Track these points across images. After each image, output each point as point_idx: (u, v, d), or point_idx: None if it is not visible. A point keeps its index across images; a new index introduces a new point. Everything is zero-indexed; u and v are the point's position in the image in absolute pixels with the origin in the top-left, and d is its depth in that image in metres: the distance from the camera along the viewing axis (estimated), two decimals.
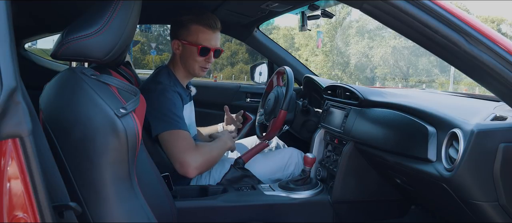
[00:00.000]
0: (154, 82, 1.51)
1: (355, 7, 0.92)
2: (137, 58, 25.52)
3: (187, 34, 1.52)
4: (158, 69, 1.61)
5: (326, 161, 1.70)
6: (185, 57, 1.55)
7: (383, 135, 1.32)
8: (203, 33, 1.51)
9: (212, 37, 1.53)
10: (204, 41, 1.52)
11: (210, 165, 1.48)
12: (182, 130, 1.41)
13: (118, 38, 0.85)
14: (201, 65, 1.55)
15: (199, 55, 1.52)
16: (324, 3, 1.69)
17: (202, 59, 1.54)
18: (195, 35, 1.51)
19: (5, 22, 0.54)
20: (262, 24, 2.20)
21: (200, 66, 1.55)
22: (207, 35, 1.52)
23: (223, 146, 1.55)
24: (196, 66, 1.55)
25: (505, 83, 0.87)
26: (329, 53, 27.77)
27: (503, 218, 1.01)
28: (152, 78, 1.56)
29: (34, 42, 2.93)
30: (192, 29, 1.51)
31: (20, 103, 0.54)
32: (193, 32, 1.51)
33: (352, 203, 1.54)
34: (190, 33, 1.51)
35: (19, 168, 0.55)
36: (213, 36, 1.54)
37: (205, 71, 1.59)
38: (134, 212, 0.81)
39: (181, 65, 1.57)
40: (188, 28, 1.51)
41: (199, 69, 1.56)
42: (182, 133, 1.41)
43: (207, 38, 1.52)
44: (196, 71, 1.57)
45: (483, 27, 0.87)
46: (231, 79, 26.02)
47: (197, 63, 1.54)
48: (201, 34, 1.51)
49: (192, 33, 1.51)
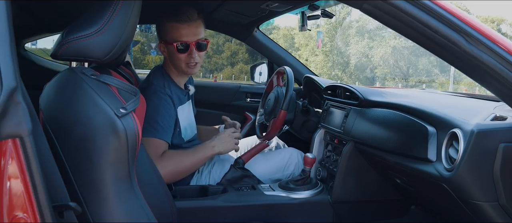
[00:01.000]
0: (147, 81, 1.52)
1: (355, 7, 0.92)
2: (137, 58, 25.52)
3: (165, 34, 1.50)
4: (153, 69, 1.60)
5: (326, 161, 1.70)
6: (171, 57, 1.52)
7: (383, 135, 1.32)
8: (178, 29, 1.47)
9: (189, 31, 1.47)
10: (181, 37, 1.47)
11: (179, 175, 1.45)
12: (155, 138, 1.39)
13: (118, 38, 0.85)
14: (186, 62, 1.50)
15: (177, 52, 1.48)
16: (324, 3, 1.69)
17: (184, 56, 1.49)
18: (171, 32, 1.48)
19: (5, 22, 0.54)
20: (262, 24, 2.20)
21: (185, 63, 1.51)
22: (183, 30, 1.47)
23: (201, 156, 1.48)
24: (181, 64, 1.51)
25: (505, 83, 0.88)
26: (329, 53, 27.77)
27: (503, 218, 1.01)
28: (146, 78, 1.57)
29: (34, 42, 2.93)
30: (168, 28, 1.48)
31: (20, 103, 0.54)
32: (169, 30, 1.48)
33: (352, 203, 1.54)
34: (167, 32, 1.49)
35: (19, 168, 0.55)
36: (189, 29, 1.47)
37: (193, 67, 1.52)
38: (134, 212, 0.81)
39: (171, 65, 1.56)
40: (165, 27, 1.49)
41: (186, 66, 1.51)
42: (154, 141, 1.38)
43: (183, 33, 1.47)
44: (183, 68, 1.52)
45: (483, 27, 0.87)
46: (231, 79, 26.03)
47: (181, 61, 1.50)
48: (176, 30, 1.47)
49: (169, 31, 1.48)
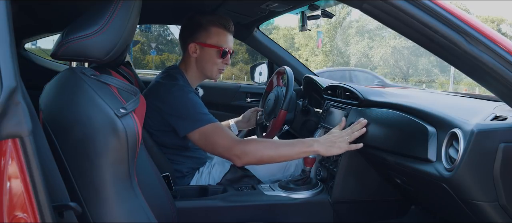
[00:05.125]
0: (169, 78, 1.48)
1: (355, 7, 0.92)
2: (137, 58, 25.49)
3: (206, 36, 1.49)
4: (170, 69, 1.57)
5: (326, 161, 1.70)
6: (203, 60, 1.52)
7: (383, 135, 1.32)
8: (223, 35, 1.50)
9: (230, 38, 1.53)
10: (224, 43, 1.51)
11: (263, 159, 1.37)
12: (212, 123, 1.37)
13: (118, 38, 0.85)
14: (219, 67, 1.54)
15: (220, 57, 1.51)
16: (324, 3, 1.69)
17: (221, 61, 1.53)
18: (216, 37, 1.49)
19: (5, 22, 0.54)
20: (262, 24, 2.20)
21: (218, 69, 1.54)
22: (226, 37, 1.51)
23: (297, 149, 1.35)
24: (214, 69, 1.53)
25: (505, 83, 0.87)
26: (329, 53, 27.75)
27: (503, 218, 1.01)
28: (165, 76, 1.51)
29: (34, 42, 2.94)
30: (213, 31, 1.49)
31: (20, 103, 0.54)
32: (213, 34, 1.49)
33: (352, 203, 1.54)
34: (210, 35, 1.49)
35: (19, 168, 0.55)
36: (231, 38, 1.54)
37: (221, 73, 1.57)
38: (134, 212, 0.81)
39: (196, 68, 1.54)
40: (208, 30, 1.49)
41: (217, 71, 1.55)
42: (212, 127, 1.36)
43: (226, 39, 1.51)
44: (214, 73, 1.55)
45: (483, 27, 0.87)
46: (231, 79, 26.05)
47: (216, 65, 1.53)
48: (222, 36, 1.50)
49: (213, 35, 1.49)
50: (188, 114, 1.38)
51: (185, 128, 1.37)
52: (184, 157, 1.57)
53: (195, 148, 1.61)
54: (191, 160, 1.59)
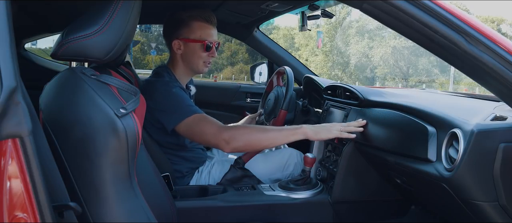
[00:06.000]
0: (156, 75, 1.53)
1: (355, 7, 0.92)
2: (137, 58, 25.51)
3: (189, 32, 1.51)
4: (158, 68, 1.60)
5: (326, 161, 1.70)
6: (189, 55, 1.54)
7: (383, 135, 1.32)
8: (206, 29, 1.52)
9: (213, 31, 1.54)
10: (207, 36, 1.52)
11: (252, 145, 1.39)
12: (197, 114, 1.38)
13: (118, 38, 0.85)
14: (205, 60, 1.55)
15: (205, 50, 1.52)
16: (324, 3, 1.69)
17: (206, 55, 1.54)
18: (199, 31, 1.51)
19: (5, 22, 0.54)
20: (262, 24, 2.20)
21: (204, 62, 1.55)
22: (209, 30, 1.53)
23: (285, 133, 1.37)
24: (200, 63, 1.55)
25: (505, 83, 0.87)
26: (329, 53, 27.76)
27: (503, 218, 1.01)
28: (153, 74, 1.57)
29: (34, 42, 2.94)
30: (195, 26, 1.51)
31: (20, 103, 0.54)
32: (196, 28, 1.51)
33: (352, 203, 1.54)
34: (192, 30, 1.51)
35: (19, 168, 0.55)
36: (214, 31, 1.55)
37: (208, 66, 1.58)
38: (134, 212, 0.81)
39: (182, 64, 1.56)
40: (190, 25, 1.51)
41: (203, 65, 1.56)
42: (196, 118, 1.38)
43: (209, 33, 1.52)
44: (200, 67, 1.56)
45: (483, 27, 0.87)
46: (231, 79, 26.03)
47: (201, 59, 1.54)
48: (204, 30, 1.51)
49: (195, 30, 1.51)
50: (172, 107, 1.40)
51: (172, 121, 1.39)
52: (183, 157, 1.57)
53: (194, 148, 1.62)
54: (190, 160, 1.60)
